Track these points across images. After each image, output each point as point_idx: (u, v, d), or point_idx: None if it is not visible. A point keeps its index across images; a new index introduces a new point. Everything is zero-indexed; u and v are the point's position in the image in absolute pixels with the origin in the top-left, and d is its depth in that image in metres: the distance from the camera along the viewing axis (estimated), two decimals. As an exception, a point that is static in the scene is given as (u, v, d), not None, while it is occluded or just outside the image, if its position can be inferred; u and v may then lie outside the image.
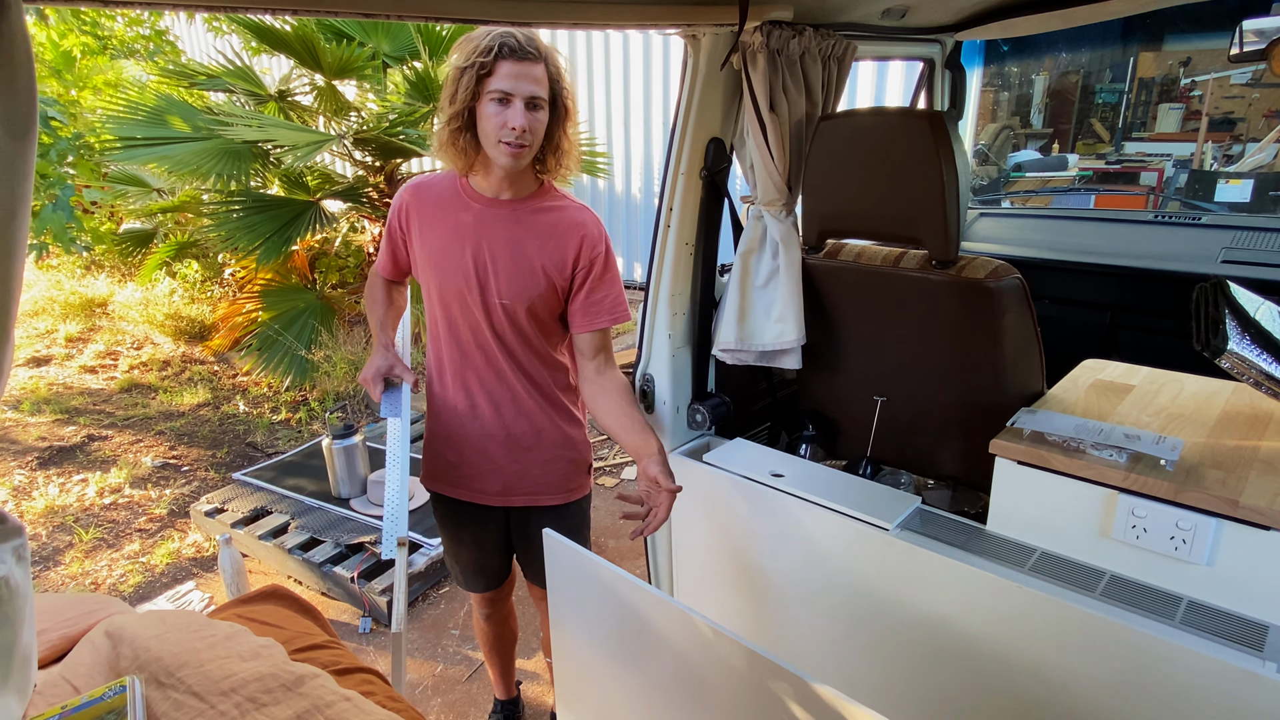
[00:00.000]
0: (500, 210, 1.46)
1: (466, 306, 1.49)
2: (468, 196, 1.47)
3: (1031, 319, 1.48)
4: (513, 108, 1.32)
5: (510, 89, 1.31)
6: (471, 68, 1.31)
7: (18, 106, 0.64)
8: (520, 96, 1.32)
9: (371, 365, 1.57)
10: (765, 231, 1.65)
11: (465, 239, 1.46)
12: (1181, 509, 1.17)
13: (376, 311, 1.66)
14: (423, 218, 1.51)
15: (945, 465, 1.66)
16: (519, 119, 1.32)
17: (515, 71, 1.31)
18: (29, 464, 3.54)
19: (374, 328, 1.65)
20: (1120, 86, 6.64)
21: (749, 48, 1.46)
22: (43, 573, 2.83)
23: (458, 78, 1.33)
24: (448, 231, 1.47)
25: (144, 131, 4.13)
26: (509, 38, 1.31)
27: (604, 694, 1.36)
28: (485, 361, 1.53)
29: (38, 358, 4.77)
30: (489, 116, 1.33)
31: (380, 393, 1.56)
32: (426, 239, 1.50)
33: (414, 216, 1.52)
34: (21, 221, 0.67)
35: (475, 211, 1.46)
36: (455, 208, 1.48)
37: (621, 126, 6.20)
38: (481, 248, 1.46)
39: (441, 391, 1.60)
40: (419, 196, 1.52)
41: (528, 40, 1.33)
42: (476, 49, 1.31)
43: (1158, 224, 2.33)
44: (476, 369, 1.54)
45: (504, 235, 1.45)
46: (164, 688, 0.75)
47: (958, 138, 1.40)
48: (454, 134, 1.38)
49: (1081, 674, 1.23)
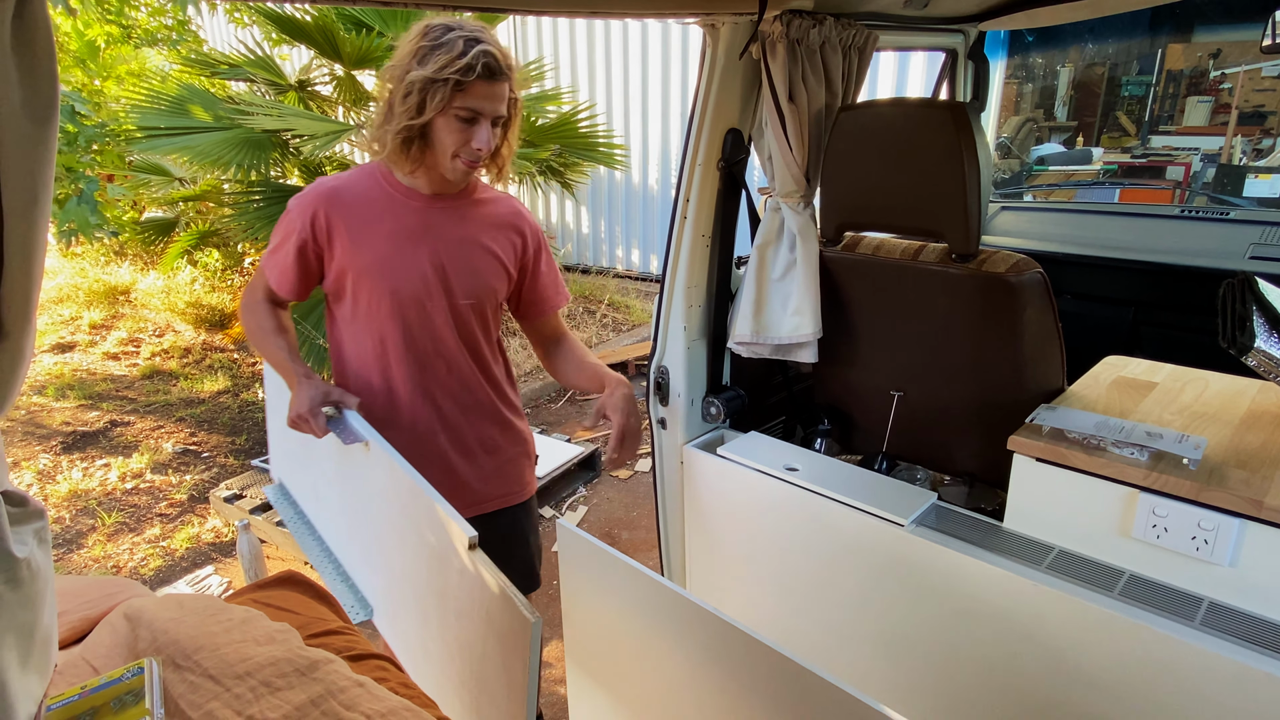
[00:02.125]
0: (444, 207, 1.40)
1: (426, 314, 1.40)
2: (403, 195, 1.38)
3: (1053, 314, 1.46)
4: (481, 128, 1.27)
5: (482, 109, 1.26)
6: (445, 83, 1.23)
7: (39, 92, 0.64)
8: (488, 116, 1.28)
9: (302, 398, 1.34)
10: (783, 224, 1.64)
11: (416, 242, 1.37)
12: (1204, 509, 1.15)
13: (276, 341, 1.45)
14: (352, 225, 1.37)
15: (962, 461, 1.65)
16: (485, 141, 1.28)
17: (489, 92, 1.25)
18: (53, 448, 3.60)
19: (279, 359, 1.43)
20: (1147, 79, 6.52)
21: (768, 37, 1.45)
22: (66, 555, 2.88)
23: (426, 88, 1.24)
24: (391, 236, 1.37)
25: (166, 121, 4.17)
26: (489, 57, 1.24)
27: (616, 687, 1.37)
28: (448, 369, 1.46)
29: (62, 344, 4.84)
30: (452, 131, 1.27)
31: (323, 425, 1.35)
32: (363, 247, 1.37)
33: (338, 225, 1.37)
34: (43, 207, 0.67)
35: (418, 211, 1.38)
36: (393, 210, 1.38)
37: (639, 118, 6.18)
38: (436, 249, 1.38)
39: (391, 414, 1.47)
40: (337, 202, 1.38)
41: (503, 57, 1.27)
42: (451, 64, 1.22)
43: (1184, 219, 2.29)
44: (439, 379, 1.46)
45: (454, 233, 1.40)
46: (181, 670, 0.76)
47: (980, 129, 1.38)
48: (406, 143, 1.29)
49: (1098, 674, 1.21)
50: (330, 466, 1.52)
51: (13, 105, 0.61)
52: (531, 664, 0.95)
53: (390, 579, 1.34)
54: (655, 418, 1.81)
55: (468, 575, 1.08)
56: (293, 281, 1.43)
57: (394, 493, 1.28)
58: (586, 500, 3.40)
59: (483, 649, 1.06)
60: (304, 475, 1.71)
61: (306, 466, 1.66)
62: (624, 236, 6.63)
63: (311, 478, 1.65)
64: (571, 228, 6.88)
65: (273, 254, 1.43)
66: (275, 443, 1.88)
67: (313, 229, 1.37)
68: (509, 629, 0.98)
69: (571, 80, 6.38)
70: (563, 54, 6.41)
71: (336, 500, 1.54)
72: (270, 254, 1.44)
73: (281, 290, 1.44)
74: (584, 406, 4.33)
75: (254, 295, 1.49)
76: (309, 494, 1.71)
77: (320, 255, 1.40)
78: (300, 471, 1.73)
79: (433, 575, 1.17)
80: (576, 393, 4.46)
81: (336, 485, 1.53)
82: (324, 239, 1.38)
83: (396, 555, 1.30)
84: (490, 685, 1.05)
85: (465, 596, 1.08)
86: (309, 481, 1.68)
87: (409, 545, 1.26)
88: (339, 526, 1.54)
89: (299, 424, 1.35)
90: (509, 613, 0.97)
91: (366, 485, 1.37)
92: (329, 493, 1.57)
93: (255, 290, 1.49)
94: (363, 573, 1.46)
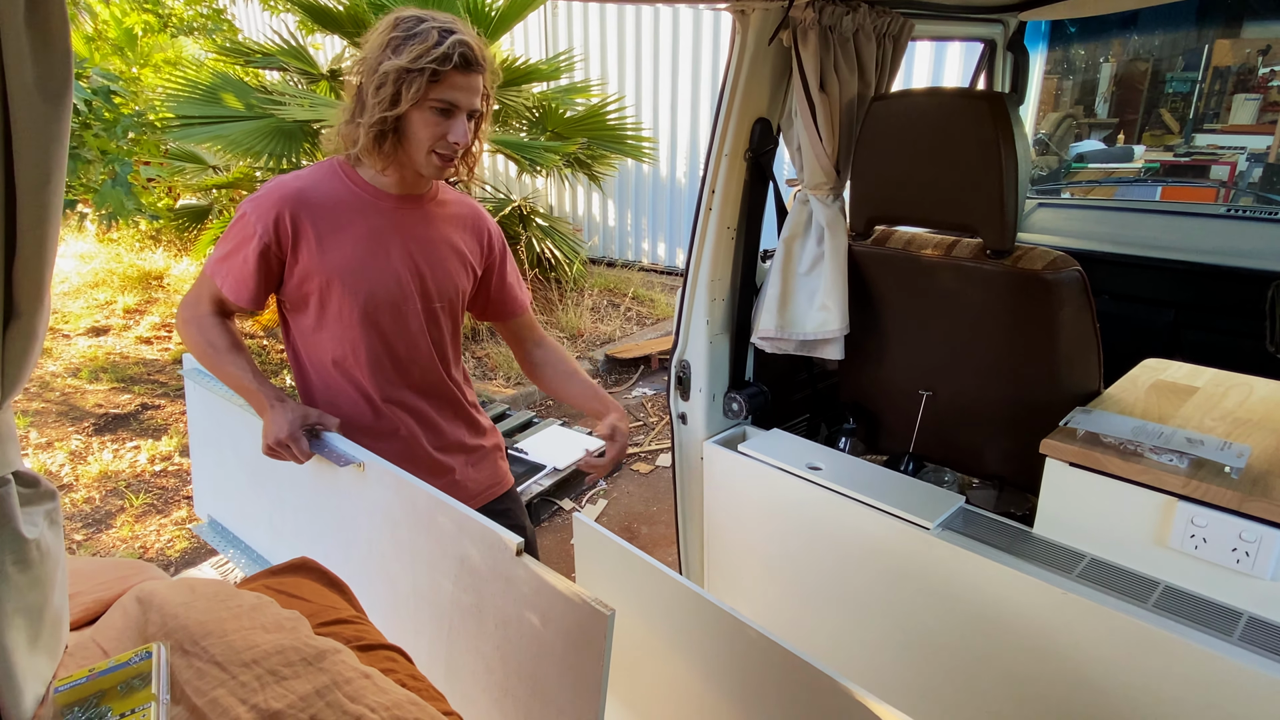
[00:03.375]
0: (414, 207, 1.36)
1: (402, 317, 1.35)
2: (371, 195, 1.33)
3: (1090, 314, 1.41)
4: (456, 121, 1.24)
5: (458, 101, 1.23)
6: (421, 73, 1.19)
7: (53, 70, 0.63)
8: (464, 109, 1.24)
9: (280, 423, 1.26)
10: (811, 216, 1.60)
11: (387, 244, 1.32)
12: (1246, 519, 1.11)
13: (233, 360, 1.34)
14: (320, 228, 1.30)
15: (992, 464, 1.60)
16: (462, 134, 1.24)
17: (465, 84, 1.22)
18: (85, 429, 3.67)
19: (241, 382, 1.33)
20: (1193, 75, 6.34)
21: (800, 23, 1.41)
22: (95, 535, 2.93)
23: (400, 79, 1.19)
24: (362, 238, 1.31)
25: (200, 109, 4.22)
26: (464, 46, 1.20)
27: (629, 683, 1.35)
28: (421, 372, 1.42)
29: (97, 328, 4.94)
30: (427, 124, 1.23)
31: (306, 449, 1.28)
32: (332, 251, 1.30)
33: (305, 227, 1.29)
34: (56, 186, 0.66)
35: (387, 212, 1.33)
36: (362, 210, 1.32)
37: (669, 110, 6.14)
38: (410, 251, 1.34)
39: (372, 423, 1.40)
40: (303, 204, 1.30)
41: (480, 48, 1.23)
42: (427, 53, 1.18)
43: (1229, 218, 2.21)
44: (413, 382, 1.42)
45: (423, 234, 1.36)
46: (188, 655, 0.76)
47: (1019, 121, 1.33)
48: (380, 137, 1.25)
49: (1130, 687, 1.17)
50: (295, 494, 1.45)
51: (25, 82, 0.60)
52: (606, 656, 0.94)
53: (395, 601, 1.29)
54: (676, 413, 1.78)
55: (515, 581, 1.05)
56: (252, 290, 1.31)
57: (403, 513, 1.23)
58: (606, 494, 3.39)
59: (536, 650, 1.04)
60: (251, 506, 1.62)
61: (258, 496, 1.58)
62: (650, 230, 6.60)
63: (264, 507, 1.57)
64: (598, 220, 6.87)
65: (224, 260, 1.32)
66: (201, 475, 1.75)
67: (276, 232, 1.28)
68: (577, 625, 0.97)
69: (601, 72, 6.35)
70: (593, 45, 6.39)
71: (306, 528, 1.47)
72: (220, 260, 1.32)
73: (240, 299, 1.32)
74: (607, 399, 4.32)
75: (197, 308, 1.36)
76: (259, 525, 1.62)
77: (283, 260, 1.31)
78: (244, 503, 1.64)
79: (462, 590, 1.14)
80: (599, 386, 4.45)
81: (305, 512, 1.45)
82: (288, 243, 1.29)
83: (407, 576, 1.25)
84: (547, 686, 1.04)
85: (512, 603, 1.06)
86: (260, 512, 1.59)
87: (427, 563, 1.21)
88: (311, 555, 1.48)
89: (278, 451, 1.27)
90: (578, 609, 0.96)
91: (362, 507, 1.31)
92: (294, 521, 1.50)
93: (198, 302, 1.36)
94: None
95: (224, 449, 1.66)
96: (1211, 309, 2.13)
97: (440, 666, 1.24)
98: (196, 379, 1.66)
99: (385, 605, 1.32)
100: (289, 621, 0.81)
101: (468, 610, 1.15)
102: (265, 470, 1.48)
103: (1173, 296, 2.18)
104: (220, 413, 1.61)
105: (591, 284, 5.94)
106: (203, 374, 1.63)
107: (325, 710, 0.70)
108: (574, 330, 5.04)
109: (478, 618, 1.13)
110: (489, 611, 1.11)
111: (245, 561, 1.65)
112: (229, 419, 1.58)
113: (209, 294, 1.35)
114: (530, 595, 1.04)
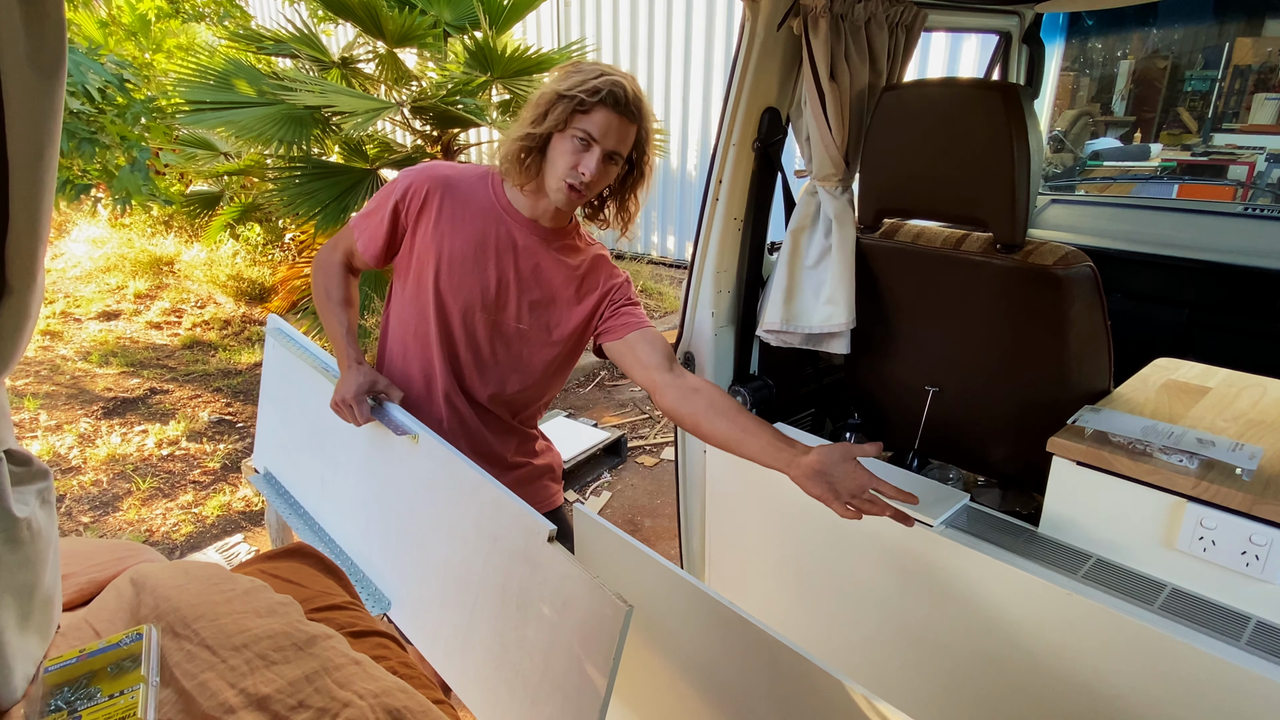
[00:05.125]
0: (535, 235, 1.40)
1: (471, 321, 1.40)
2: (503, 209, 1.39)
3: (1102, 311, 1.39)
4: (591, 153, 1.28)
5: (597, 136, 1.27)
6: (571, 99, 1.25)
7: (45, 44, 0.62)
8: (603, 147, 1.28)
9: (349, 383, 1.35)
10: (819, 208, 1.58)
11: (490, 253, 1.38)
12: (1257, 522, 1.08)
13: (339, 314, 1.44)
14: (446, 213, 1.38)
15: (998, 462, 1.58)
16: (592, 168, 1.28)
17: (610, 123, 1.27)
18: (94, 413, 3.70)
19: (337, 334, 1.42)
20: (1212, 74, 6.25)
21: (810, 11, 1.39)
22: (102, 518, 2.95)
23: (552, 102, 1.27)
24: (474, 238, 1.38)
25: (212, 95, 4.22)
26: (619, 88, 1.26)
27: (629, 676, 1.34)
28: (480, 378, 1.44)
29: (108, 312, 4.97)
30: (565, 153, 1.28)
31: (365, 413, 1.35)
32: (445, 237, 1.38)
33: (435, 207, 1.38)
34: (49, 161, 0.65)
35: (509, 228, 1.39)
36: (488, 216, 1.39)
37: (680, 103, 6.11)
38: (506, 268, 1.38)
39: (424, 403, 1.46)
40: (447, 187, 1.39)
41: (634, 98, 1.28)
42: (583, 84, 1.25)
43: (1247, 217, 2.17)
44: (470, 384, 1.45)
45: (531, 261, 1.39)
46: (179, 638, 0.75)
47: (1032, 113, 1.31)
48: (524, 151, 1.32)
49: (1134, 691, 1.15)
50: (349, 456, 1.50)
51: (18, 56, 0.59)
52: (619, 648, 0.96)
53: (426, 571, 1.33)
54: (680, 404, 1.77)
55: (542, 568, 1.08)
56: (380, 248, 1.42)
57: (446, 487, 1.27)
58: (611, 486, 3.38)
59: (551, 638, 1.07)
60: (307, 464, 1.68)
61: (315, 455, 1.63)
62: (660, 222, 6.57)
63: (318, 467, 1.62)
64: (608, 212, 6.85)
65: (366, 216, 1.43)
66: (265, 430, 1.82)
67: (408, 197, 1.38)
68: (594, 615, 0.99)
69: (613, 62, 6.31)
70: (605, 36, 6.36)
71: (353, 491, 1.52)
72: (364, 215, 1.43)
73: (367, 254, 1.43)
74: (612, 392, 4.31)
75: (332, 254, 1.48)
76: (311, 484, 1.68)
77: (405, 227, 1.40)
78: (300, 461, 1.70)
79: (491, 569, 1.18)
80: (606, 379, 4.44)
81: (355, 475, 1.51)
82: (416, 208, 1.38)
83: (441, 548, 1.29)
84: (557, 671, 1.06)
85: (535, 589, 1.09)
86: (314, 471, 1.65)
87: (461, 538, 1.25)
88: (355, 518, 1.52)
89: (340, 408, 1.35)
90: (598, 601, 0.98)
91: (409, 477, 1.36)
92: (343, 483, 1.55)
93: (335, 249, 1.47)
94: (381, 566, 1.45)
95: (290, 407, 1.71)
96: (1226, 309, 2.09)
97: (459, 639, 1.26)
98: (277, 337, 1.72)
99: (417, 573, 1.36)
100: (281, 606, 0.81)
101: (493, 590, 1.18)
102: (326, 431, 1.54)
103: (1186, 295, 2.15)
104: (294, 372, 1.65)
105: (600, 276, 5.92)
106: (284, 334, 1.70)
107: (313, 695, 0.69)
108: (582, 322, 5.02)
109: (501, 598, 1.16)
110: (513, 593, 1.14)
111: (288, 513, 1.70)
112: (301, 378, 1.62)
113: (345, 244, 1.46)
114: (555, 582, 1.06)
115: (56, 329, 4.61)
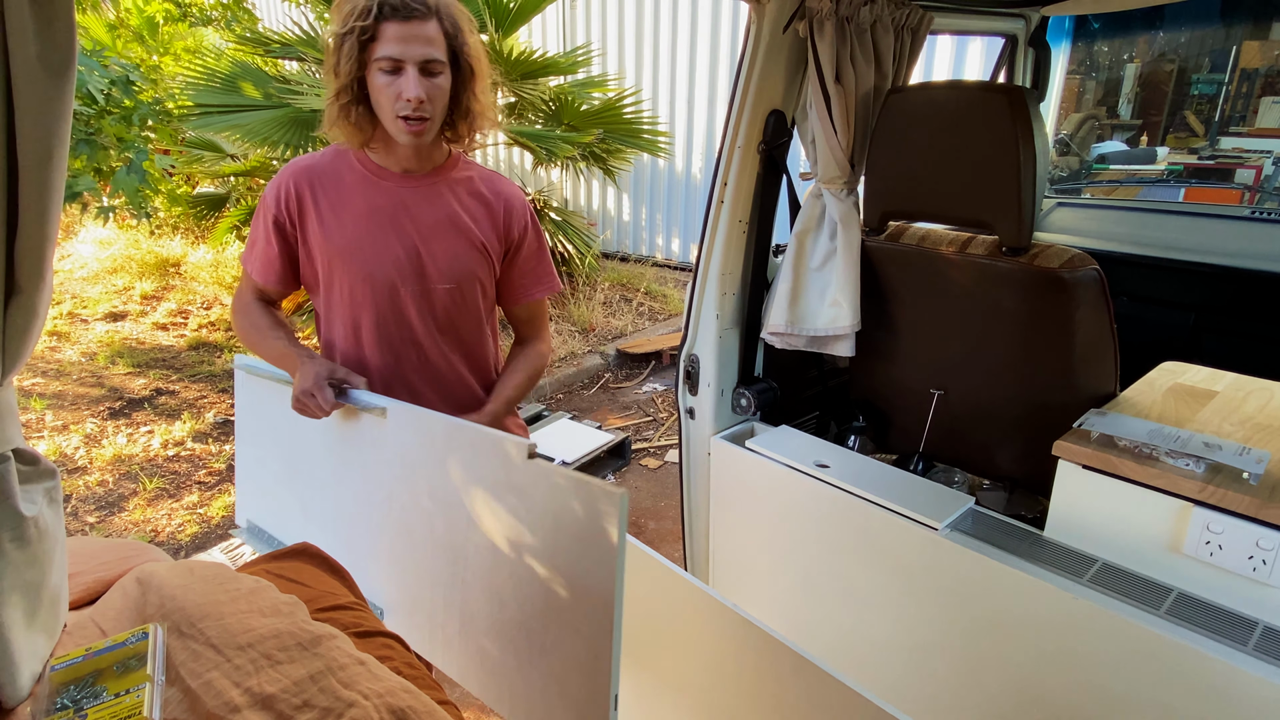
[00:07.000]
0: (418, 185, 1.31)
1: (399, 299, 1.32)
2: (373, 174, 1.30)
3: (1108, 314, 1.38)
4: (405, 76, 1.17)
5: (399, 54, 1.15)
6: (351, 33, 1.15)
7: (55, 44, 0.62)
8: (412, 62, 1.16)
9: (307, 374, 1.27)
10: (824, 211, 1.58)
11: (387, 224, 1.29)
12: (1263, 526, 1.08)
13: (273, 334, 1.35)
14: (324, 203, 1.29)
15: (1003, 465, 1.58)
16: (414, 89, 1.16)
17: (402, 33, 1.15)
18: (101, 413, 3.71)
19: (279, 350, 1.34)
20: (1219, 77, 6.22)
21: (816, 14, 1.39)
22: (108, 518, 2.96)
23: (339, 45, 1.17)
24: (361, 217, 1.29)
25: (219, 98, 4.24)
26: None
27: (634, 678, 1.34)
28: (420, 357, 1.38)
29: (115, 313, 4.98)
30: (380, 88, 1.18)
31: (330, 399, 1.28)
32: (332, 230, 1.29)
33: (311, 202, 1.29)
34: (58, 162, 0.66)
35: (389, 190, 1.30)
36: (362, 189, 1.29)
37: (685, 105, 6.11)
38: (408, 231, 1.30)
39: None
40: (310, 179, 1.29)
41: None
42: (354, 10, 1.14)
43: (1255, 220, 2.16)
44: (413, 366, 1.39)
45: (429, 213, 1.31)
46: (184, 637, 0.75)
47: (1038, 116, 1.31)
48: (344, 109, 1.22)
49: (1139, 696, 1.15)
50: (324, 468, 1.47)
51: (29, 56, 0.60)
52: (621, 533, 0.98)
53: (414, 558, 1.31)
54: (684, 407, 1.77)
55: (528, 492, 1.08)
56: (278, 269, 1.34)
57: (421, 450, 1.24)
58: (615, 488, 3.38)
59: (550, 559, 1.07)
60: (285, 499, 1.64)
61: (292, 483, 1.60)
62: (665, 224, 6.58)
63: (297, 494, 1.59)
64: (612, 214, 6.86)
65: (250, 247, 1.36)
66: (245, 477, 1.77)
67: (285, 202, 1.30)
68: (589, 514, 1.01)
69: (619, 67, 6.33)
70: (610, 40, 6.37)
71: (332, 505, 1.49)
72: (248, 249, 1.37)
73: (269, 281, 1.35)
74: (616, 394, 4.31)
75: (243, 296, 1.41)
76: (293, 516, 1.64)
77: (294, 232, 1.32)
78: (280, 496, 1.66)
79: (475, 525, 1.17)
80: (609, 382, 4.44)
81: (332, 486, 1.47)
82: (295, 213, 1.30)
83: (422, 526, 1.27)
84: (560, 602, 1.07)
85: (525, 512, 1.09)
86: (293, 503, 1.61)
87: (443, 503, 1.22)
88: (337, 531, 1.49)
89: (304, 401, 1.28)
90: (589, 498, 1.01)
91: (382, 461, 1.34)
92: (323, 501, 1.51)
93: (243, 294, 1.42)
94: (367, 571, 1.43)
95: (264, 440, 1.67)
96: (1233, 312, 2.08)
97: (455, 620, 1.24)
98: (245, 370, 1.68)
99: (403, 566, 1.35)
100: (286, 606, 0.81)
101: (482, 548, 1.16)
102: (299, 450, 1.52)
103: (1193, 299, 2.14)
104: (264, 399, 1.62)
105: (604, 279, 5.93)
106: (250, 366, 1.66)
107: (318, 695, 0.69)
108: (585, 324, 5.03)
109: (492, 552, 1.15)
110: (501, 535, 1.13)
111: None
112: (270, 406, 1.60)
113: (248, 285, 1.40)
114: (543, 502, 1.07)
115: (64, 329, 4.63)
